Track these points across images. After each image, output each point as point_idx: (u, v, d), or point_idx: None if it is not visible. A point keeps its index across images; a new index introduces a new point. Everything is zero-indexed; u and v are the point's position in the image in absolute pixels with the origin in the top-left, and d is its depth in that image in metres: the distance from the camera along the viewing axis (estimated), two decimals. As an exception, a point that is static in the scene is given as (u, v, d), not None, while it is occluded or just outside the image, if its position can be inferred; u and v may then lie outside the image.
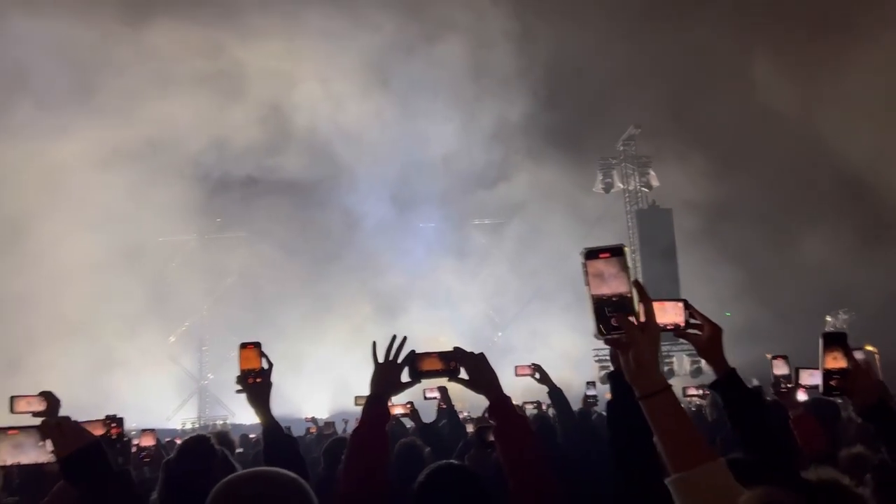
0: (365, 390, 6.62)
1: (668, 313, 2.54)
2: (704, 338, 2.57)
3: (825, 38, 23.70)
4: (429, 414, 6.87)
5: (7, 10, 24.07)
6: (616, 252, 1.63)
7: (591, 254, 1.64)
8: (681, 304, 2.58)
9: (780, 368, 4.47)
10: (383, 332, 2.70)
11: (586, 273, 1.63)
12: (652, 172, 28.41)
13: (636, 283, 1.64)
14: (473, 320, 30.02)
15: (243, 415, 23.81)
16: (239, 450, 7.97)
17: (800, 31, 24.42)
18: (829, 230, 24.15)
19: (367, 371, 2.61)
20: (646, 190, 28.74)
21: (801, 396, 4.71)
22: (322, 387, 25.62)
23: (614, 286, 1.62)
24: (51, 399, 4.01)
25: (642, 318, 1.63)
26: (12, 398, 4.05)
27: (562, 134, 28.19)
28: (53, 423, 2.10)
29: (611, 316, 1.62)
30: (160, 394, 27.67)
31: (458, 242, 31.00)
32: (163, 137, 26.12)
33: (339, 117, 27.76)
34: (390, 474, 2.45)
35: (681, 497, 1.58)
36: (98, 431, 3.80)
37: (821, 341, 2.71)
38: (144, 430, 6.22)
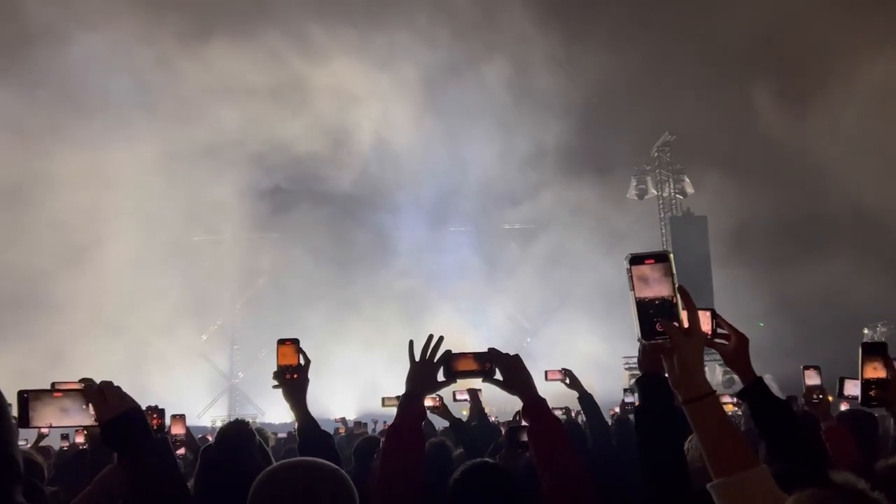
0: (391, 392, 6.67)
1: None
2: (731, 347, 2.57)
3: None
4: (458, 416, 6.88)
5: (73, 28, 24.82)
6: (661, 258, 1.65)
7: (637, 259, 1.66)
8: (708, 314, 2.57)
9: (812, 379, 4.38)
10: (411, 335, 2.72)
11: (631, 278, 1.65)
12: (687, 179, 28.12)
13: (681, 289, 1.65)
14: (502, 325, 29.98)
15: (273, 413, 24.10)
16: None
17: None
18: (864, 243, 23.72)
19: (394, 373, 2.64)
20: (681, 197, 28.46)
21: (844, 406, 4.60)
22: (349, 388, 25.78)
23: (658, 291, 1.63)
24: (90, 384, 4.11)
25: (686, 324, 1.64)
26: (53, 384, 4.13)
27: (595, 141, 28.03)
28: (97, 387, 2.14)
29: (655, 321, 1.63)
30: (191, 391, 28.08)
31: (489, 247, 31.01)
32: (207, 143, 26.69)
33: (385, 135, 28.06)
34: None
35: (722, 502, 1.59)
36: None
37: (860, 350, 2.68)
38: (174, 417, 5.62)
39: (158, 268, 26.86)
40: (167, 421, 5.45)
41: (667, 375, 1.73)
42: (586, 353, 24.54)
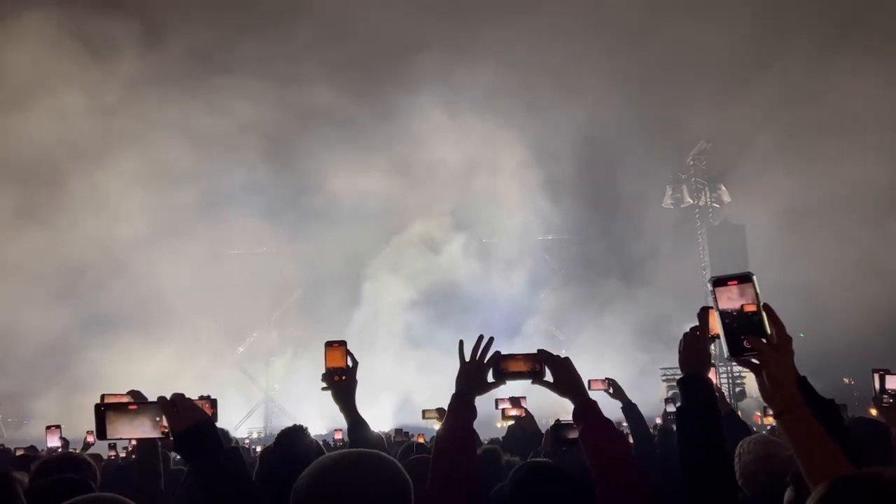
0: (428, 405, 6.60)
1: None
2: None
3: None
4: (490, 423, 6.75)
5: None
6: (744, 279, 1.72)
7: (720, 281, 1.74)
8: None
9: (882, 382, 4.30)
10: (448, 350, 2.70)
11: (716, 300, 1.73)
12: (723, 188, 27.72)
13: (766, 307, 1.71)
14: (536, 336, 29.71)
15: (309, 424, 24.15)
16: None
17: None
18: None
19: (428, 387, 2.61)
20: (717, 206, 28.07)
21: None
22: (385, 401, 25.74)
23: (743, 306, 1.71)
24: (138, 398, 4.13)
25: (775, 340, 1.69)
26: (103, 397, 4.17)
27: (629, 150, 27.80)
28: (169, 400, 2.18)
29: (742, 338, 1.69)
30: (228, 403, 28.36)
31: (522, 257, 30.83)
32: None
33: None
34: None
35: None
36: None
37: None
38: None
39: (196, 282, 27.31)
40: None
41: (758, 390, 1.75)
42: (623, 364, 24.18)
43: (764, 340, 1.69)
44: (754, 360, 1.69)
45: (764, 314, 1.70)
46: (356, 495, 1.61)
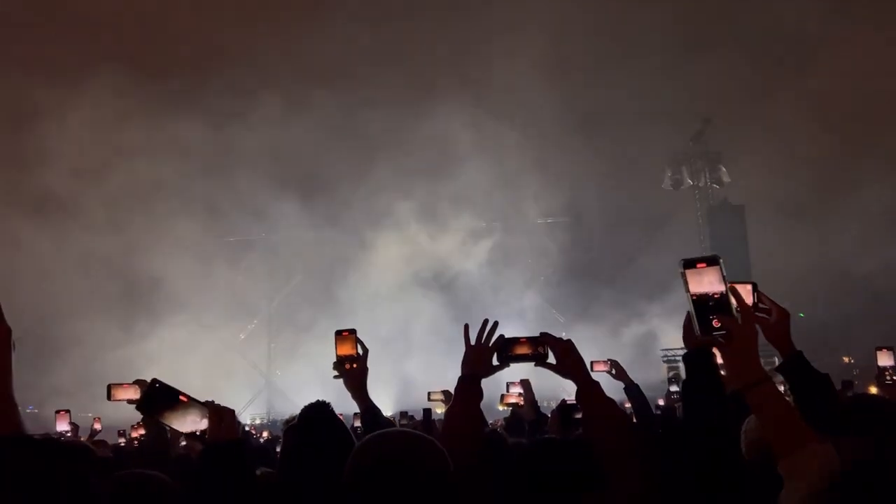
0: (430, 387, 6.66)
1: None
2: (773, 321, 2.60)
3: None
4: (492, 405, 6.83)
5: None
6: (712, 262, 1.81)
7: (689, 263, 1.81)
8: (749, 287, 2.63)
9: (885, 360, 4.32)
10: (448, 332, 2.74)
11: (685, 281, 1.80)
12: (723, 168, 27.65)
13: (732, 289, 1.80)
14: (536, 320, 29.78)
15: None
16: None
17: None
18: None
19: (428, 371, 2.66)
20: (717, 186, 28.02)
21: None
22: (387, 386, 25.81)
23: (711, 290, 1.80)
24: (144, 387, 4.15)
25: (740, 319, 1.77)
26: (109, 386, 4.20)
27: (628, 131, 27.69)
28: (218, 408, 2.20)
29: (712, 318, 1.77)
30: (231, 389, 28.50)
31: (522, 241, 30.83)
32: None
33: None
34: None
35: (791, 481, 1.62)
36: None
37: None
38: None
39: (197, 269, 27.38)
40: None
41: (723, 367, 1.90)
42: (623, 347, 24.29)
43: (731, 319, 1.77)
44: (720, 339, 1.78)
45: (730, 295, 1.79)
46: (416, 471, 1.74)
